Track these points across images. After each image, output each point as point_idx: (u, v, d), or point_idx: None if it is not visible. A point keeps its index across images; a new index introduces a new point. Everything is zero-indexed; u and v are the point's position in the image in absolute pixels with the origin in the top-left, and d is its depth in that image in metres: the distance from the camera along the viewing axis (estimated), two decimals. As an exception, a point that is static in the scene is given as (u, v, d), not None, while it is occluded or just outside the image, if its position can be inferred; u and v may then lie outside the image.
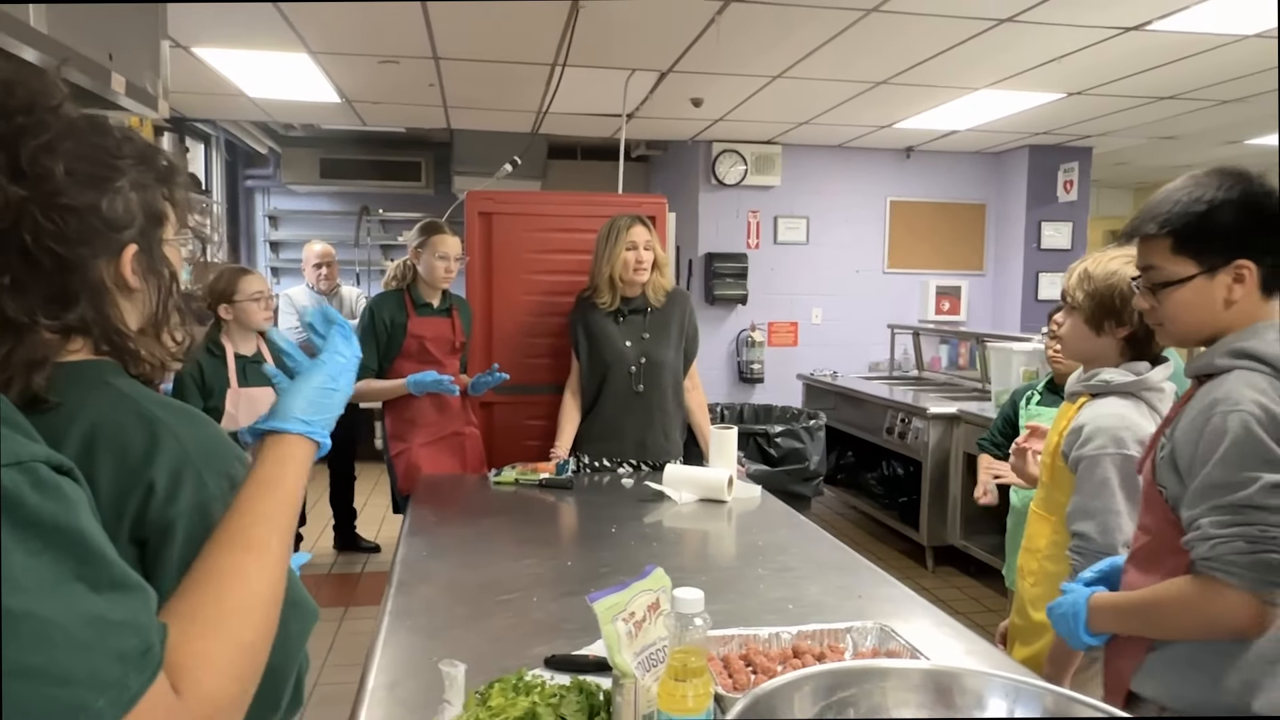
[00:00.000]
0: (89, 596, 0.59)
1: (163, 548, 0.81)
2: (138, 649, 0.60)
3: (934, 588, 4.39)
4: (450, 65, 4.30)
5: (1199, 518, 1.20)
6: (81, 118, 0.84)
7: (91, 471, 0.80)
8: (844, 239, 6.57)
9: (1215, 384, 1.25)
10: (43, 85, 0.81)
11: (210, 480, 0.84)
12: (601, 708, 1.22)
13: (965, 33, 3.65)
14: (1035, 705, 0.97)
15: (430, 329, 3.21)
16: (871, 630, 1.48)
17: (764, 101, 5.00)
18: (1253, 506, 1.15)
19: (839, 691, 1.00)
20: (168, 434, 0.83)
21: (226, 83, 4.64)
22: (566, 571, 1.95)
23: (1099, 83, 4.48)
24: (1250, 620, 1.17)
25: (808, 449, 4.58)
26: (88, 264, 0.85)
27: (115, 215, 0.86)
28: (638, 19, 3.50)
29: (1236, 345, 1.25)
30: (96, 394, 0.85)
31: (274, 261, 7.77)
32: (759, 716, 0.94)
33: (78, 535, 0.60)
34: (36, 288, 0.83)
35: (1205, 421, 1.21)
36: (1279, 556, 1.14)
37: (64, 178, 0.81)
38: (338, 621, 3.92)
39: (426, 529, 2.29)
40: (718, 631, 1.48)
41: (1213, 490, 1.19)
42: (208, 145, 6.82)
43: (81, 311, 0.86)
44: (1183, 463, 1.25)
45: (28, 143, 0.79)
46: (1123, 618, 1.32)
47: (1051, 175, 6.37)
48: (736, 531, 2.38)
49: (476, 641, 1.55)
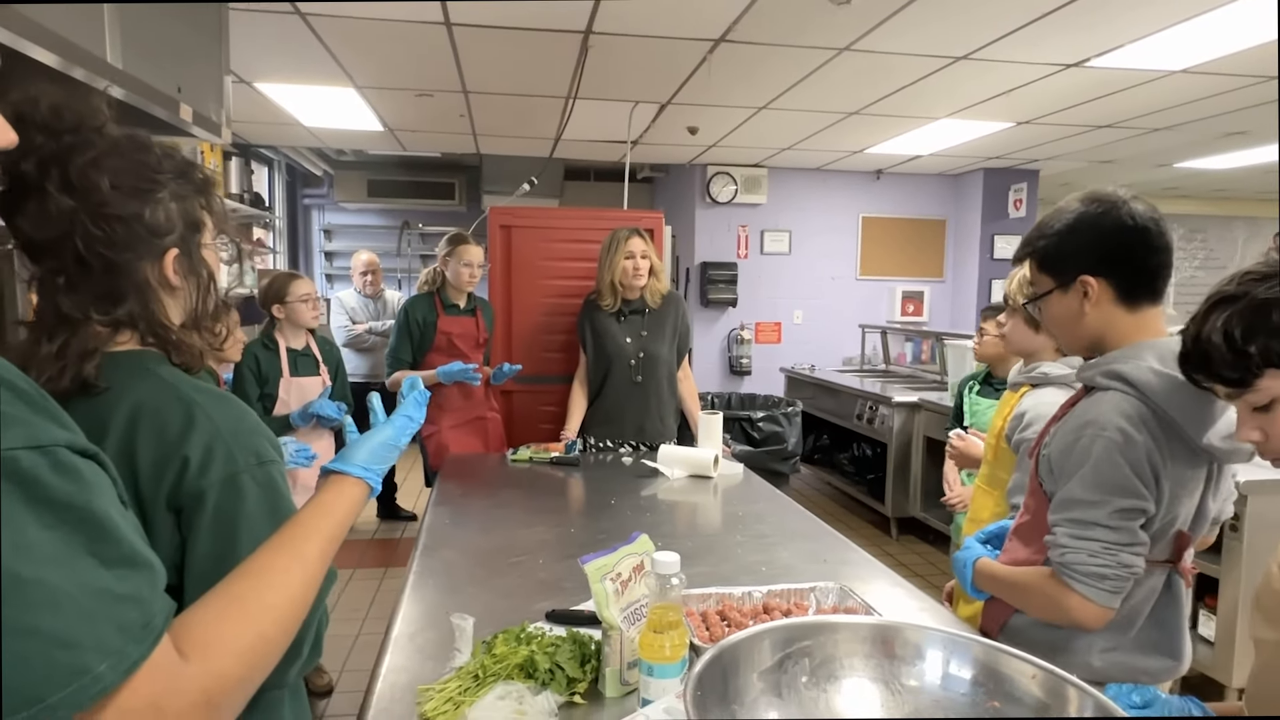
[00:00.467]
0: (97, 571, 0.56)
1: (195, 514, 0.80)
2: (138, 621, 0.58)
3: (897, 553, 4.36)
4: (477, 98, 4.29)
5: (1057, 525, 1.21)
6: (124, 136, 0.84)
7: (134, 447, 0.79)
8: (822, 250, 6.54)
9: (1092, 402, 1.22)
10: (88, 108, 0.81)
11: (239, 455, 0.83)
12: (592, 656, 1.21)
13: (926, 69, 3.62)
14: (967, 655, 0.96)
15: (457, 326, 3.21)
16: (832, 590, 1.47)
17: (751, 130, 4.98)
18: (1100, 525, 1.16)
19: (796, 643, 0.99)
20: (202, 415, 0.83)
21: (285, 114, 4.65)
22: (570, 538, 1.94)
23: (1044, 113, 4.44)
24: (1090, 617, 1.18)
25: (786, 432, 4.56)
26: (133, 266, 0.85)
27: (157, 222, 0.85)
28: (640, 57, 3.48)
29: (1112, 367, 1.22)
30: (140, 380, 0.84)
31: (328, 269, 7.77)
32: (724, 664, 0.93)
33: (91, 514, 0.56)
34: (88, 287, 0.83)
35: (1075, 440, 1.20)
36: (1113, 570, 1.16)
37: (109, 190, 0.80)
38: (379, 580, 3.93)
39: (451, 500, 2.28)
40: (698, 590, 1.47)
41: (1071, 504, 1.19)
42: (270, 168, 6.83)
43: (129, 308, 0.85)
44: (1055, 468, 1.24)
45: (76, 159, 0.78)
46: (997, 587, 1.33)
47: (1003, 194, 6.33)
48: (720, 503, 2.36)
49: (488, 598, 1.55)
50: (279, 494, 0.86)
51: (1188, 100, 4.09)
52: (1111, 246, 1.21)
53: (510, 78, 3.87)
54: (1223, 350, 0.90)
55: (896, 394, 4.59)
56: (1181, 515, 1.22)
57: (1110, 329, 1.24)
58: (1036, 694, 0.91)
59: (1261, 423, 0.90)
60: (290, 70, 3.80)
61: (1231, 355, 0.89)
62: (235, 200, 5.22)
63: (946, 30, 3.08)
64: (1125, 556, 1.16)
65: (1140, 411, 1.16)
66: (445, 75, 3.82)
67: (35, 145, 0.78)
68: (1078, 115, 4.46)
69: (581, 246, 3.33)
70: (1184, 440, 1.16)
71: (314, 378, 2.89)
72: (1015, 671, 0.93)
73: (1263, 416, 0.90)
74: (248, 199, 5.66)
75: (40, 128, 0.78)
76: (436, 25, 3.11)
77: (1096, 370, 1.24)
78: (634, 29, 3.12)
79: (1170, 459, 1.16)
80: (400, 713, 1.12)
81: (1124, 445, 1.15)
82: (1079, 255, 1.23)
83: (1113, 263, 1.22)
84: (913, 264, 6.72)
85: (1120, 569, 1.16)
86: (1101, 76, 3.67)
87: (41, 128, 0.78)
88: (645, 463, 2.62)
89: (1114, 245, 1.21)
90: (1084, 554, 1.16)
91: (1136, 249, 1.21)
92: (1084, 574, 1.16)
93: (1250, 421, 0.92)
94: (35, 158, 0.78)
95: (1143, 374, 1.17)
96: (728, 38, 3.20)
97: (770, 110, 4.46)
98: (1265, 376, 0.87)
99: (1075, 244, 1.23)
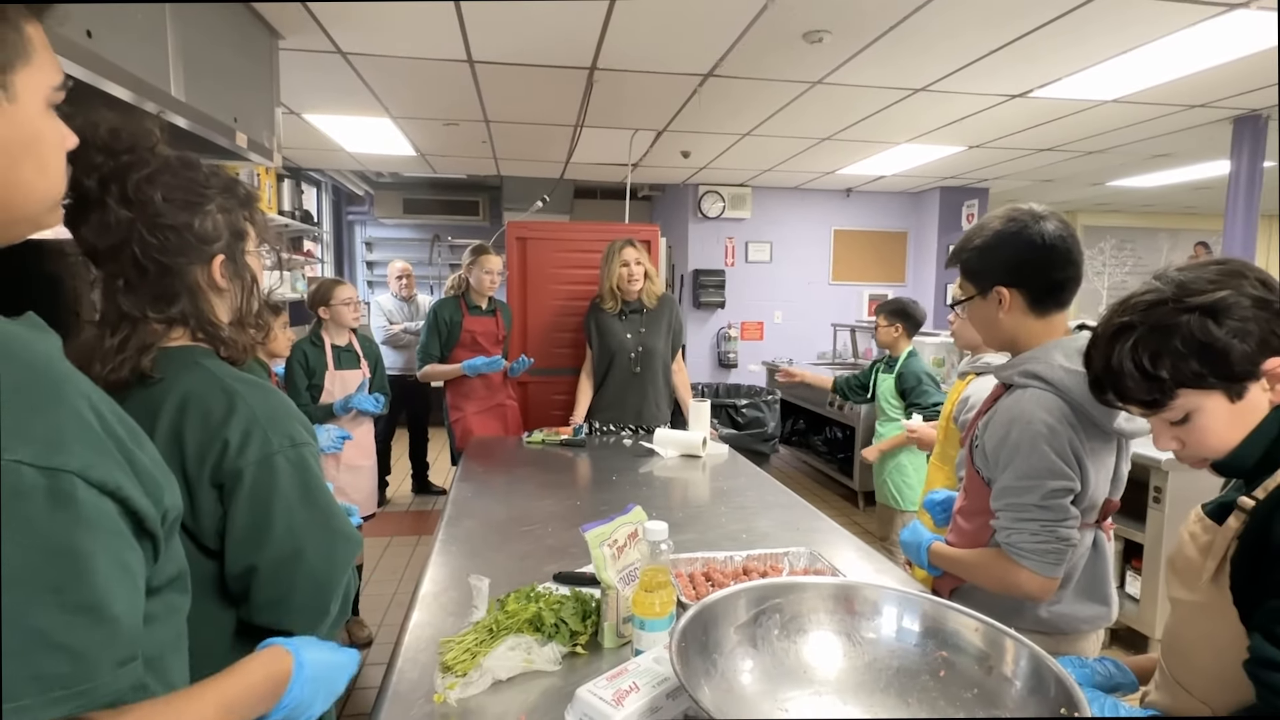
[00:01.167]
0: (46, 610, 0.46)
1: (234, 490, 0.80)
2: (64, 678, 0.46)
3: (864, 523, 4.35)
4: (497, 126, 4.27)
5: (1000, 510, 1.20)
6: (174, 155, 0.83)
7: (182, 430, 0.79)
8: (799, 259, 6.52)
9: (1015, 400, 1.20)
10: (142, 130, 0.80)
11: (274, 438, 0.83)
12: (592, 612, 1.21)
13: (888, 100, 3.59)
14: (917, 610, 0.95)
15: (480, 325, 3.20)
16: (803, 554, 1.46)
17: (737, 154, 4.95)
18: (1035, 506, 1.15)
19: (768, 600, 0.98)
20: (242, 402, 0.82)
21: (330, 140, 4.63)
22: (576, 509, 1.94)
23: (993, 138, 4.41)
24: (1037, 589, 1.18)
25: (766, 417, 4.54)
26: (184, 269, 0.84)
27: (205, 231, 0.85)
28: (639, 90, 3.46)
29: (1027, 367, 1.20)
30: (190, 372, 0.83)
31: (369, 276, 7.76)
32: (704, 620, 0.93)
33: (69, 550, 0.47)
34: (145, 289, 0.82)
35: (1006, 434, 1.18)
36: (1052, 545, 1.15)
37: (162, 202, 0.79)
38: (413, 547, 3.93)
39: (473, 477, 2.27)
40: (686, 554, 1.46)
41: (1009, 492, 1.18)
42: (319, 189, 6.81)
43: (181, 307, 0.85)
44: (990, 459, 1.23)
45: (132, 176, 0.78)
46: (952, 567, 1.31)
47: (957, 210, 6.30)
48: (708, 479, 2.36)
49: (504, 562, 1.54)
50: (310, 472, 0.86)
51: (1118, 126, 4.06)
52: (1022, 262, 1.19)
53: (526, 108, 3.85)
54: (1136, 377, 0.83)
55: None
56: (1102, 485, 1.22)
57: (1021, 332, 1.23)
58: (979, 645, 0.90)
59: (1178, 433, 0.85)
60: (334, 102, 3.78)
61: (1144, 381, 0.83)
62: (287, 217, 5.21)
63: (906, 65, 3.06)
64: (1061, 531, 1.15)
65: (1059, 405, 1.15)
66: (469, 107, 3.81)
67: (96, 164, 0.77)
68: (1022, 140, 4.43)
69: (588, 256, 3.31)
70: (1097, 425, 1.16)
71: (355, 371, 2.88)
72: (960, 625, 0.92)
73: (1179, 428, 0.85)
74: (298, 216, 5.65)
75: (100, 149, 0.78)
76: (461, 63, 3.09)
77: (1014, 370, 1.22)
78: (633, 65, 3.10)
79: (1087, 441, 1.15)
80: (425, 662, 1.11)
81: (1049, 435, 1.14)
82: (994, 269, 1.22)
83: (1023, 276, 1.20)
84: (878, 271, 6.70)
85: (1058, 543, 1.15)
86: (1043, 106, 3.64)
87: (101, 148, 0.78)
88: (642, 444, 2.61)
89: (1024, 261, 1.19)
90: (1025, 534, 1.16)
91: (1044, 265, 1.18)
92: (1028, 550, 1.16)
93: (1167, 433, 0.86)
94: (96, 175, 0.78)
95: (1056, 372, 1.16)
96: (715, 73, 3.18)
97: (753, 136, 4.44)
98: (1179, 396, 0.82)
99: (992, 258, 1.22)
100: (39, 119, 0.55)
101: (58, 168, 0.57)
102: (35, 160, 0.55)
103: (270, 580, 0.81)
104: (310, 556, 0.83)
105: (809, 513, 1.93)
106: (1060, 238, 1.18)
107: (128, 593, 0.52)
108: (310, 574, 0.83)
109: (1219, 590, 0.81)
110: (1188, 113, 3.75)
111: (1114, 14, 2.50)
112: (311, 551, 0.83)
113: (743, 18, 2.57)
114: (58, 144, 0.57)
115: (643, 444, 2.61)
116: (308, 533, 0.83)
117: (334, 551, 0.84)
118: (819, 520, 1.86)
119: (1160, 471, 2.57)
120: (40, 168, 0.55)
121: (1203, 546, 0.84)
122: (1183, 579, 0.87)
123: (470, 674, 1.03)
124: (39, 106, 0.55)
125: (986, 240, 1.22)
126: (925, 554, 1.35)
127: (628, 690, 0.90)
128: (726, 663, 0.91)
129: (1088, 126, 4.07)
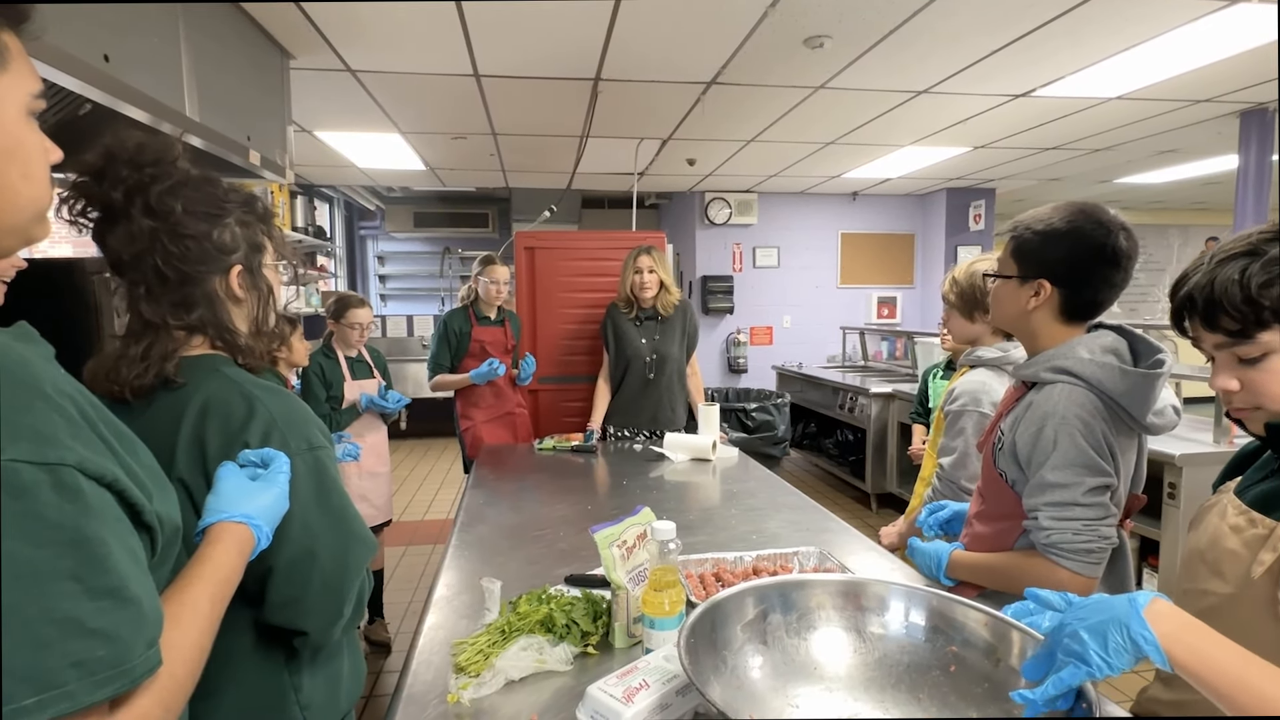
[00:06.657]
0: (76, 598, 0.47)
1: None
2: (105, 661, 0.47)
3: (876, 524, 4.31)
4: (504, 139, 4.31)
5: (1036, 510, 1.15)
6: (196, 171, 0.86)
7: (204, 434, 0.81)
8: (806, 263, 6.51)
9: (1044, 396, 1.16)
10: (165, 146, 0.83)
11: (291, 441, 0.85)
12: (603, 613, 1.21)
13: (892, 103, 3.60)
14: (924, 605, 0.95)
15: (488, 335, 3.22)
16: (813, 553, 1.46)
17: (742, 160, 4.97)
18: (1077, 504, 1.12)
19: (776, 597, 0.99)
20: (261, 407, 0.84)
21: (341, 157, 4.70)
22: (586, 513, 1.94)
23: (997, 138, 4.40)
24: (1077, 589, 1.13)
25: (776, 421, 4.54)
26: (204, 279, 0.87)
27: (224, 242, 0.87)
28: (643, 99, 3.49)
29: (1057, 363, 1.16)
30: (210, 378, 0.86)
31: (381, 290, 7.84)
32: (713, 618, 0.93)
33: (84, 538, 0.48)
34: (166, 296, 0.85)
35: (1039, 431, 1.15)
36: (1096, 543, 1.11)
37: (183, 213, 0.82)
38: (429, 554, 3.95)
39: (485, 484, 2.29)
40: (696, 555, 1.47)
41: (1047, 489, 1.14)
42: (331, 205, 6.90)
43: (200, 314, 0.87)
44: (1022, 459, 1.18)
45: (155, 188, 0.80)
46: (978, 574, 1.26)
47: (964, 211, 6.27)
48: (718, 483, 2.35)
49: (515, 565, 1.55)
50: (326, 475, 0.87)
51: (1123, 123, 4.04)
52: (1080, 265, 1.14)
53: (532, 120, 3.89)
54: (1236, 300, 0.78)
55: (874, 386, 4.56)
56: (1126, 482, 1.20)
57: (1042, 330, 1.20)
58: (986, 637, 0.90)
59: (1243, 374, 0.81)
60: (344, 120, 3.84)
61: (1244, 305, 0.77)
62: (300, 233, 5.28)
63: (908, 68, 3.07)
64: (1103, 529, 1.12)
65: (1091, 399, 1.13)
66: (476, 120, 3.85)
67: (122, 177, 0.81)
68: (1027, 139, 4.42)
69: (596, 264, 3.34)
70: (1123, 420, 1.14)
71: (371, 380, 2.91)
72: (967, 618, 0.92)
73: (1247, 369, 0.80)
74: (311, 231, 5.72)
75: (126, 163, 0.81)
76: (467, 77, 3.14)
77: (1040, 367, 1.19)
78: (636, 75, 3.13)
79: (1117, 436, 1.13)
80: (438, 663, 1.12)
81: (1085, 430, 1.11)
82: (1049, 260, 1.17)
83: (1072, 279, 1.16)
84: (886, 273, 6.68)
85: (1101, 541, 1.12)
86: (1047, 105, 3.63)
87: (127, 163, 0.81)
88: (653, 448, 2.62)
89: (1082, 265, 1.14)
90: (1068, 533, 1.12)
91: (1099, 277, 1.14)
92: (1071, 551, 1.11)
93: (1231, 371, 0.82)
94: (123, 188, 0.81)
95: (1087, 367, 1.13)
96: (718, 80, 3.20)
97: (758, 143, 4.46)
98: (1267, 330, 0.77)
99: (1052, 249, 1.16)
100: (19, 126, 0.55)
101: (42, 176, 0.57)
102: (19, 167, 0.54)
103: (285, 580, 0.83)
104: (323, 557, 0.84)
105: (819, 514, 1.92)
106: (1128, 257, 1.14)
107: (141, 575, 0.53)
108: (323, 574, 0.85)
109: (1265, 586, 0.78)
110: (1192, 108, 3.73)
111: (1114, 12, 2.50)
112: (325, 553, 0.85)
113: (744, 25, 2.59)
114: (40, 152, 0.57)
115: (653, 449, 2.62)
116: (321, 534, 0.85)
117: (347, 553, 0.86)
118: (830, 521, 1.86)
119: (1174, 468, 2.55)
120: (25, 174, 0.55)
121: (1249, 540, 0.81)
122: (1216, 571, 0.85)
123: (483, 674, 1.04)
124: (18, 114, 0.55)
125: (1054, 228, 1.15)
126: (944, 566, 1.29)
127: (638, 687, 0.91)
128: (736, 659, 0.92)
129: (1092, 124, 4.05)
